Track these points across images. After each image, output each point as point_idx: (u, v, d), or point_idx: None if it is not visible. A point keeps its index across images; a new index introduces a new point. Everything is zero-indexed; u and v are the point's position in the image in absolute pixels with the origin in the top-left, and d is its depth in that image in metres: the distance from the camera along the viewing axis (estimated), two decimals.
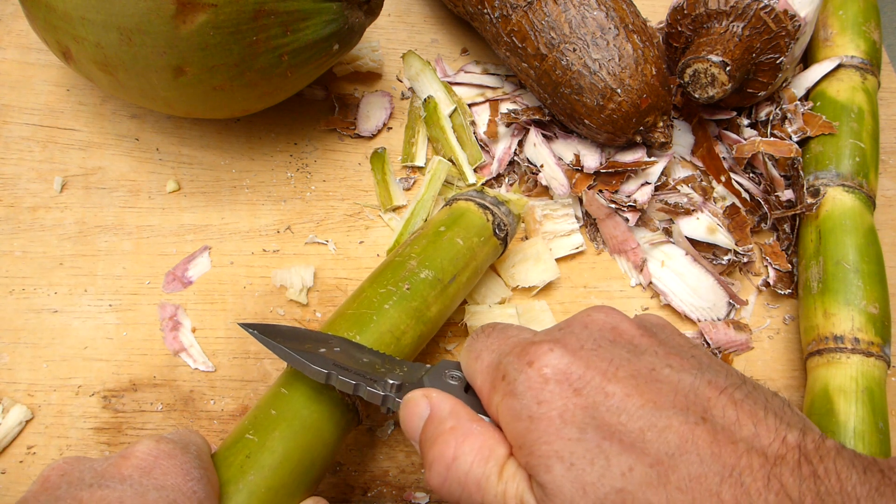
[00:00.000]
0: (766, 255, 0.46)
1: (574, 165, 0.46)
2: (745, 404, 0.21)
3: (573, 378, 0.23)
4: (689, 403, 0.21)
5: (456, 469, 0.24)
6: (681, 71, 0.43)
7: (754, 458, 0.20)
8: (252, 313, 0.41)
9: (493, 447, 0.24)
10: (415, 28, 0.54)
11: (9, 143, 0.46)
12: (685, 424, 0.21)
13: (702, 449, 0.20)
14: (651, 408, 0.21)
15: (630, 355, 0.23)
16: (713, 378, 0.22)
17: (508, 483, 0.23)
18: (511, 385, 0.24)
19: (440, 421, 0.25)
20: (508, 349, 0.25)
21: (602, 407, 0.22)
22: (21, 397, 0.38)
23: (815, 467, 0.20)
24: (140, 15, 0.35)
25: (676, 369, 0.23)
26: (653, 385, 0.22)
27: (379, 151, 0.48)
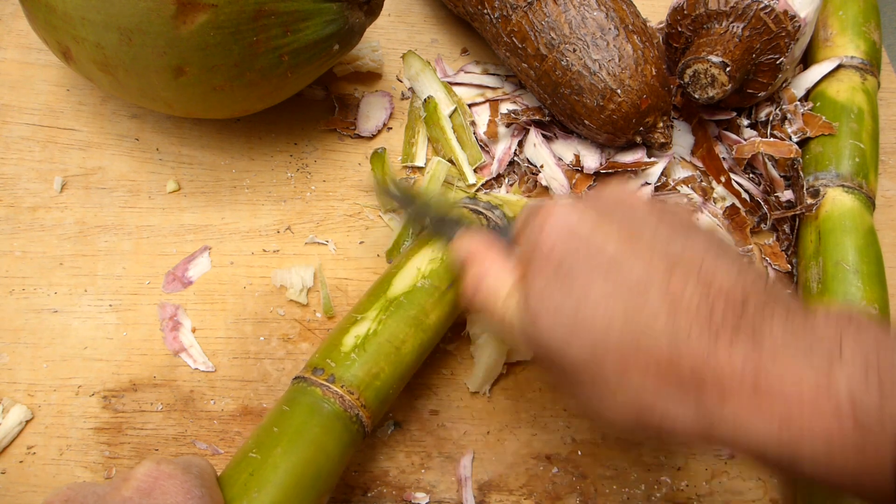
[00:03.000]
0: (765, 255, 0.46)
1: (574, 166, 0.46)
2: (711, 263, 0.25)
3: (569, 222, 0.27)
4: (657, 256, 0.25)
5: (478, 293, 0.31)
6: (681, 71, 0.43)
7: (696, 294, 0.24)
8: (252, 313, 0.41)
9: (504, 280, 0.30)
10: (415, 28, 0.54)
11: (9, 143, 0.46)
12: (647, 268, 0.25)
13: (653, 286, 0.24)
14: (623, 253, 0.26)
15: (624, 218, 0.27)
16: (690, 243, 0.26)
17: (507, 307, 0.30)
18: (526, 229, 0.30)
19: (472, 258, 0.33)
20: (537, 206, 0.30)
21: (584, 246, 0.26)
22: (21, 397, 0.38)
23: (747, 306, 0.23)
24: (140, 15, 0.35)
25: (660, 234, 0.26)
26: (632, 240, 0.26)
27: (379, 151, 0.48)
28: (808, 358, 0.22)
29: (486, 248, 0.33)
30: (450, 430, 0.39)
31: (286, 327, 0.41)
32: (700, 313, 0.24)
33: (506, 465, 0.38)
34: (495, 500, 0.37)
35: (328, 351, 0.34)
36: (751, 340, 0.23)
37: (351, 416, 0.32)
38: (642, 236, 0.26)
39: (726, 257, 0.26)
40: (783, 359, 0.22)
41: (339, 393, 0.32)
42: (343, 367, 0.33)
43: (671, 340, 0.23)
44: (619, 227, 0.27)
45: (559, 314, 0.26)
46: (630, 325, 0.24)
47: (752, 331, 0.23)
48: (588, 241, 0.27)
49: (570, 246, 0.27)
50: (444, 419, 0.39)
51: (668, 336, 0.24)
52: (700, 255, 0.25)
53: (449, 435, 0.38)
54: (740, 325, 0.23)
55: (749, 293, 0.24)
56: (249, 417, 0.38)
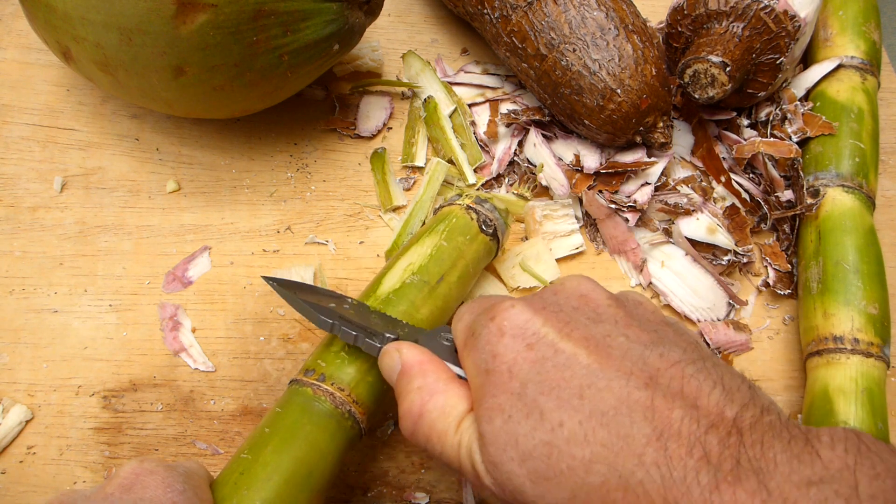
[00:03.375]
0: (765, 255, 0.46)
1: (574, 166, 0.46)
2: (694, 379, 0.22)
3: (528, 333, 0.24)
4: (634, 370, 0.22)
5: (422, 423, 0.26)
6: (681, 71, 0.43)
7: (685, 425, 0.21)
8: (252, 313, 0.41)
9: (455, 404, 0.26)
10: (415, 28, 0.54)
11: (9, 143, 0.46)
12: (625, 387, 0.22)
13: (635, 412, 0.21)
14: (596, 368, 0.22)
15: (589, 321, 0.24)
16: (667, 352, 0.23)
17: (462, 435, 0.25)
18: (475, 339, 0.25)
19: (410, 378, 0.27)
20: (481, 309, 0.27)
21: (549, 363, 0.23)
22: (21, 397, 0.38)
23: (743, 437, 0.20)
24: (140, 15, 0.35)
25: (632, 339, 0.23)
26: (603, 349, 0.23)
27: (379, 151, 0.48)
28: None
29: (424, 363, 0.27)
30: None
31: (286, 327, 0.41)
32: (694, 448, 0.20)
33: None
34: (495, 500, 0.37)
35: (320, 352, 0.34)
36: (755, 483, 0.19)
37: (343, 413, 0.32)
38: (614, 343, 0.23)
39: (705, 362, 0.23)
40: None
41: (330, 391, 0.32)
42: (333, 366, 0.33)
43: (664, 485, 0.20)
44: (585, 332, 0.24)
45: (528, 452, 0.22)
46: (614, 464, 0.21)
47: (755, 468, 0.20)
48: (554, 353, 0.23)
49: (534, 360, 0.23)
50: None
51: (660, 479, 0.20)
52: (679, 365, 0.23)
53: None
54: (740, 461, 0.20)
55: (739, 411, 0.21)
56: (249, 417, 0.38)
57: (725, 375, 0.23)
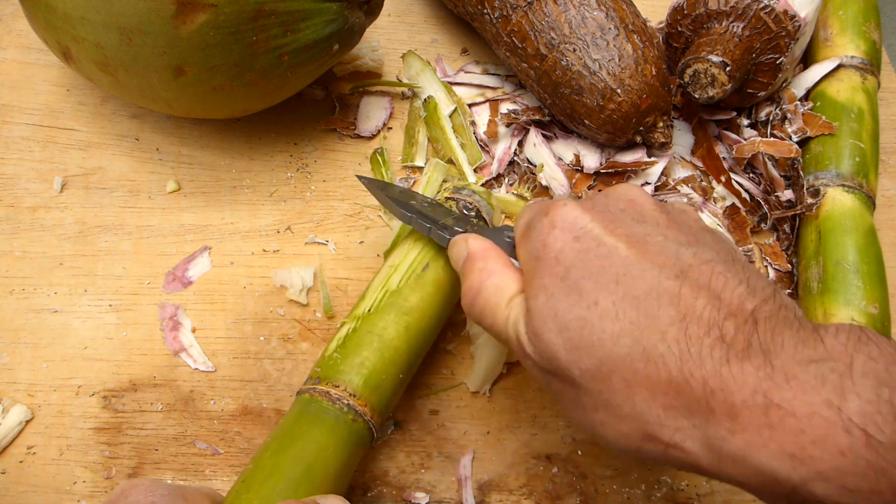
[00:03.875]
0: (766, 255, 0.46)
1: (574, 165, 0.46)
2: (722, 276, 0.24)
3: (576, 227, 0.26)
4: (668, 264, 0.24)
5: (479, 298, 0.29)
6: (681, 71, 0.43)
7: (706, 310, 0.23)
8: (252, 313, 0.41)
9: (508, 284, 0.29)
10: (415, 28, 0.54)
11: (9, 143, 0.46)
12: (657, 277, 0.24)
13: (663, 297, 0.24)
14: (633, 260, 0.25)
15: (633, 221, 0.27)
16: (700, 251, 0.25)
17: (511, 310, 0.28)
18: (530, 231, 0.28)
19: (473, 260, 0.31)
20: (539, 208, 0.29)
21: (592, 252, 0.25)
22: (21, 397, 0.38)
23: (758, 324, 0.23)
24: (140, 15, 0.35)
25: (669, 238, 0.26)
26: (642, 245, 0.25)
27: (379, 151, 0.48)
28: (820, 381, 0.21)
29: (487, 250, 0.31)
30: (450, 430, 0.39)
31: (286, 327, 0.41)
32: (711, 329, 0.23)
33: (506, 464, 0.38)
34: (495, 499, 0.37)
35: (318, 361, 0.35)
36: (762, 359, 0.22)
37: (340, 408, 0.32)
38: (652, 241, 0.25)
39: (735, 264, 0.25)
40: (794, 382, 0.21)
41: (325, 390, 0.32)
42: (327, 368, 0.33)
43: (681, 358, 0.23)
44: (628, 230, 0.26)
45: (566, 325, 0.25)
46: (639, 339, 0.23)
47: (764, 349, 0.22)
48: (597, 245, 0.25)
49: (578, 250, 0.26)
50: (444, 419, 0.39)
51: (679, 353, 0.23)
52: (710, 263, 0.24)
53: (449, 435, 0.38)
54: (751, 343, 0.22)
55: (759, 304, 0.23)
56: (249, 417, 0.38)
57: (752, 276, 0.25)
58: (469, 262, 0.31)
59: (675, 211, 0.28)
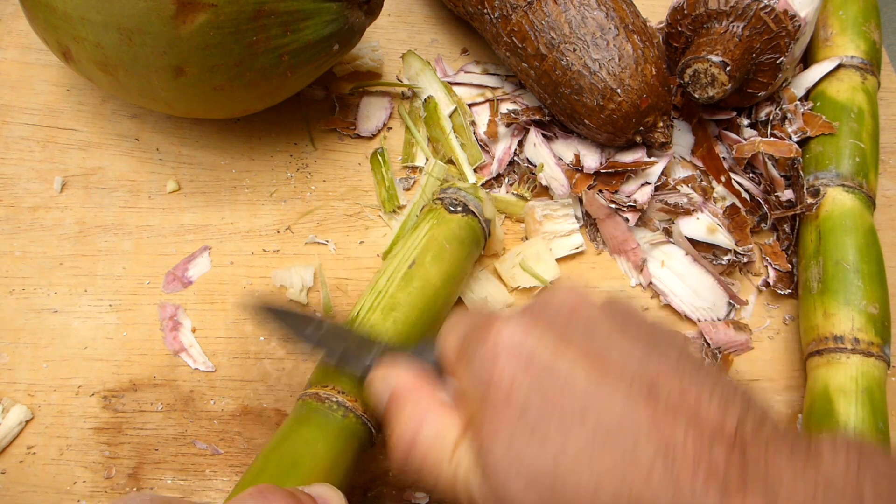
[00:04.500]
0: (766, 255, 0.46)
1: (574, 165, 0.46)
2: (693, 388, 0.22)
3: (522, 354, 0.23)
4: (633, 384, 0.22)
5: (415, 451, 0.25)
6: (681, 71, 0.43)
7: (690, 440, 0.20)
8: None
9: (447, 430, 0.25)
10: (415, 28, 0.54)
11: (9, 143, 0.46)
12: (626, 404, 0.21)
13: (639, 430, 0.21)
14: (594, 387, 0.22)
15: (583, 335, 0.24)
16: (663, 360, 0.23)
17: (458, 466, 0.24)
18: (468, 362, 0.25)
19: (400, 403, 0.26)
20: (472, 326, 0.26)
21: (547, 384, 0.22)
22: (21, 397, 0.38)
23: (747, 451, 0.20)
24: (140, 15, 0.35)
25: (626, 352, 0.23)
26: (600, 366, 0.22)
27: (379, 151, 0.48)
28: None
29: (415, 387, 0.27)
30: None
31: None
32: (700, 463, 0.20)
33: None
34: None
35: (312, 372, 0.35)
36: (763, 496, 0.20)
37: (329, 405, 0.32)
38: (609, 358, 0.23)
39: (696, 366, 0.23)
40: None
41: (314, 392, 0.33)
42: (318, 373, 0.34)
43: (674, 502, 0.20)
44: (580, 348, 0.23)
45: (534, 477, 0.21)
46: (622, 487, 0.20)
47: (763, 481, 0.20)
48: (552, 372, 0.22)
49: (531, 384, 0.22)
50: None
51: (670, 497, 0.20)
52: (676, 373, 0.22)
53: None
54: (747, 475, 0.20)
55: (739, 422, 0.21)
56: (249, 417, 0.38)
57: (719, 381, 0.23)
58: (395, 406, 0.27)
59: (620, 310, 0.26)
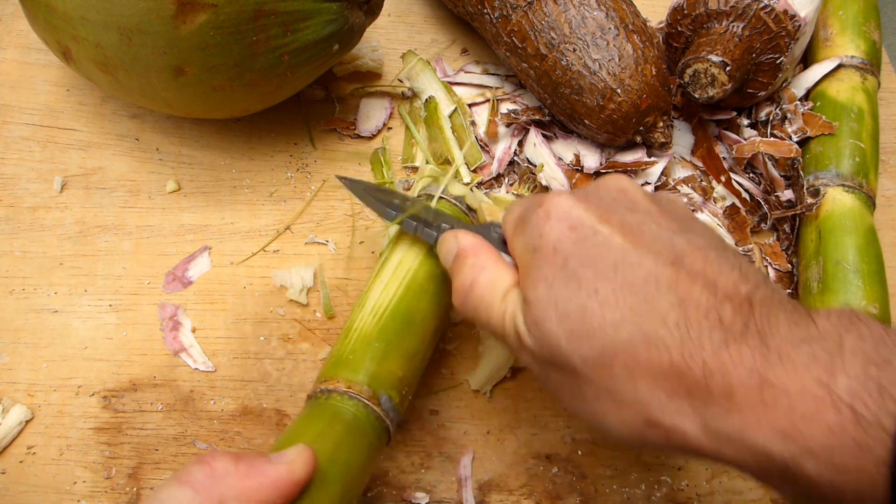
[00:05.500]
0: (766, 255, 0.46)
1: (574, 165, 0.46)
2: (715, 262, 0.25)
3: (572, 217, 0.27)
4: (663, 251, 0.25)
5: (472, 294, 0.29)
6: (681, 71, 0.43)
7: (704, 295, 0.24)
8: (252, 313, 0.41)
9: (502, 279, 0.29)
10: (415, 28, 0.54)
11: (9, 143, 0.46)
12: (654, 264, 0.24)
13: (662, 284, 0.24)
14: (629, 248, 0.25)
15: (626, 210, 0.27)
16: (693, 238, 0.26)
17: (507, 304, 0.28)
18: (525, 224, 0.28)
19: (464, 256, 0.30)
20: (531, 201, 0.29)
21: (589, 241, 0.26)
22: (21, 397, 0.38)
23: (754, 307, 0.23)
24: (140, 15, 0.35)
25: (662, 227, 0.26)
26: (636, 233, 0.26)
27: (379, 151, 0.48)
28: (811, 360, 0.22)
29: (477, 245, 0.31)
30: (450, 430, 0.39)
31: (286, 327, 0.41)
32: (710, 315, 0.23)
33: (506, 464, 0.38)
34: (495, 499, 0.37)
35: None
36: (758, 341, 0.22)
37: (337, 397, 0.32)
38: (646, 229, 0.26)
39: (725, 251, 0.26)
40: (787, 361, 0.22)
41: (322, 387, 0.32)
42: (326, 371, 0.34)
43: (682, 342, 0.23)
44: (622, 219, 0.26)
45: (566, 314, 0.25)
46: (640, 325, 0.24)
47: (760, 331, 0.23)
48: (594, 235, 0.26)
49: (575, 240, 0.26)
50: (444, 419, 0.39)
51: (679, 337, 0.23)
52: (703, 250, 0.25)
53: (449, 435, 0.38)
54: (748, 325, 0.23)
55: (752, 289, 0.24)
56: (249, 417, 0.38)
57: (742, 262, 0.25)
58: (459, 259, 0.31)
59: (664, 200, 0.29)
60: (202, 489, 0.24)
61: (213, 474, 0.24)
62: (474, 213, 0.39)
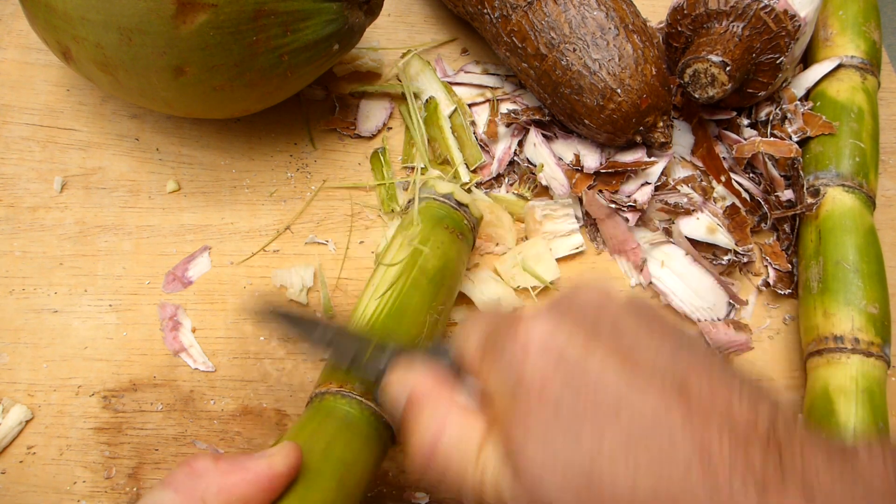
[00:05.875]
0: (766, 255, 0.46)
1: (574, 165, 0.46)
2: (722, 386, 0.22)
3: (553, 349, 0.23)
4: (666, 381, 0.22)
5: (436, 456, 0.25)
6: (681, 71, 0.43)
7: (725, 437, 0.20)
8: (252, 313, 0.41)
9: (470, 432, 0.24)
10: (415, 28, 0.54)
11: (9, 143, 0.46)
12: (660, 403, 0.21)
13: (675, 430, 0.21)
14: (627, 384, 0.22)
15: (611, 333, 0.23)
16: (688, 355, 0.23)
17: (484, 468, 0.24)
18: (497, 354, 0.24)
19: (419, 406, 0.26)
20: (496, 325, 0.25)
21: (579, 382, 0.22)
22: (21, 397, 0.38)
23: (783, 450, 0.20)
24: (140, 15, 0.35)
25: (655, 348, 0.23)
26: (631, 362, 0.22)
27: (379, 151, 0.48)
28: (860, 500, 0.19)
29: (433, 390, 0.26)
30: None
31: None
32: (737, 463, 0.20)
33: None
34: None
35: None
36: (801, 493, 0.20)
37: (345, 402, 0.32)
38: (640, 356, 0.23)
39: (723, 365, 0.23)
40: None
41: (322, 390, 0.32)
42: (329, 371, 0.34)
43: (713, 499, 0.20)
44: (609, 345, 0.23)
45: (569, 476, 0.21)
46: (660, 485, 0.20)
47: (801, 480, 0.20)
48: (583, 370, 0.22)
49: (563, 382, 0.22)
50: None
51: (708, 495, 0.20)
52: (706, 371, 0.22)
53: None
54: (785, 474, 0.20)
55: (769, 421, 0.21)
56: (249, 417, 0.38)
57: (745, 380, 0.23)
58: (413, 411, 0.26)
59: (644, 309, 0.25)
60: (183, 489, 0.24)
61: (192, 473, 0.24)
62: (466, 208, 0.39)
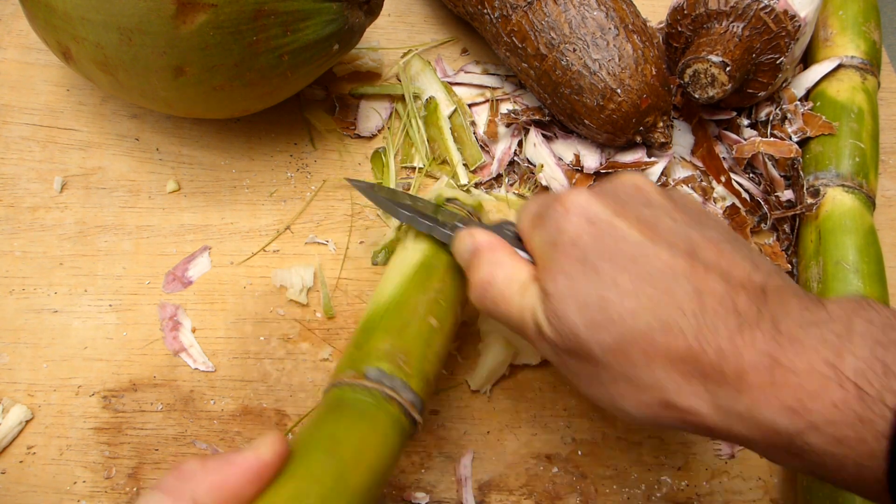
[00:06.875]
0: (765, 255, 0.46)
1: (574, 165, 0.46)
2: (728, 254, 0.26)
3: (590, 212, 0.28)
4: (678, 244, 0.26)
5: (490, 289, 0.30)
6: (681, 71, 0.43)
7: (719, 284, 0.25)
8: (252, 313, 0.41)
9: (519, 273, 0.30)
10: (415, 28, 0.54)
11: (9, 143, 0.46)
12: (670, 257, 0.26)
13: (678, 274, 0.25)
14: (646, 242, 0.26)
15: (642, 206, 0.28)
16: (706, 231, 0.27)
17: (526, 298, 0.29)
18: (543, 220, 0.29)
19: (480, 253, 0.31)
20: (548, 199, 0.30)
21: (607, 235, 0.27)
22: (21, 397, 0.38)
23: (767, 295, 0.25)
24: (140, 15, 0.35)
25: (678, 222, 0.27)
26: (653, 227, 0.27)
27: (379, 151, 0.48)
28: (820, 342, 0.23)
29: (494, 242, 0.32)
30: (450, 430, 0.39)
31: (286, 327, 0.41)
32: (725, 303, 0.24)
33: (506, 464, 0.38)
34: (495, 499, 0.37)
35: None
36: (770, 325, 0.24)
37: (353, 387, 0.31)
38: (661, 223, 0.27)
39: (736, 242, 0.27)
40: (797, 344, 0.23)
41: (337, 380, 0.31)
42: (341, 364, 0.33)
43: (698, 328, 0.24)
44: (637, 214, 0.27)
45: (587, 304, 0.26)
46: (658, 313, 0.25)
47: (772, 318, 0.24)
48: (611, 229, 0.27)
49: (594, 234, 0.27)
50: (444, 419, 0.39)
51: (695, 324, 0.24)
52: (716, 243, 0.26)
53: (449, 435, 0.38)
54: (762, 312, 0.24)
55: (765, 279, 0.25)
56: (249, 417, 0.38)
57: (755, 255, 0.27)
58: (476, 256, 0.32)
59: (677, 196, 0.30)
60: (172, 491, 0.25)
61: (181, 476, 0.25)
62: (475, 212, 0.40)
